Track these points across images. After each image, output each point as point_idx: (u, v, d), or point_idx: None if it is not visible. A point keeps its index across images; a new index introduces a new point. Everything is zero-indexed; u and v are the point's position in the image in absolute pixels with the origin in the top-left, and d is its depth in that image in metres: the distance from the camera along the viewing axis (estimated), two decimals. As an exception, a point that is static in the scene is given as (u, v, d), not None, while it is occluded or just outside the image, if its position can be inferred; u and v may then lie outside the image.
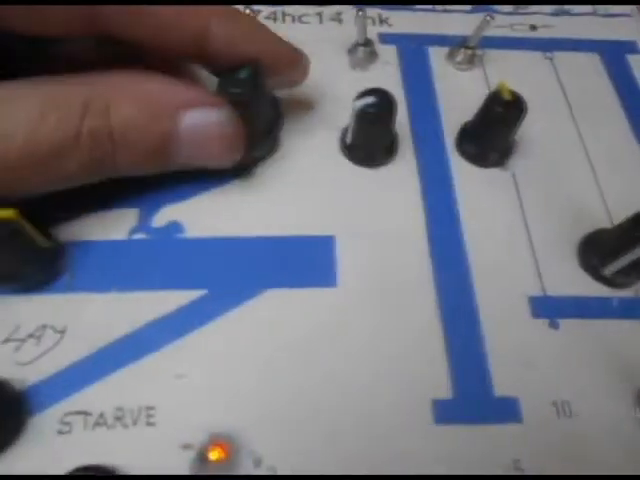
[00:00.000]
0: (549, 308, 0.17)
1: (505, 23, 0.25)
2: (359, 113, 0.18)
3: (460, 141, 0.21)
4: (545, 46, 0.24)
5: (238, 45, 0.17)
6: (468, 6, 0.25)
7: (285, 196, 0.19)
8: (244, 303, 0.17)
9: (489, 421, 0.16)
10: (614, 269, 0.17)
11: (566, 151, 0.21)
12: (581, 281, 0.18)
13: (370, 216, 0.19)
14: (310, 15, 0.24)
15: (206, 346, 0.16)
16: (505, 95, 0.18)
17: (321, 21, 0.24)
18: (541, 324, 0.17)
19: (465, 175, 0.20)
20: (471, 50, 0.23)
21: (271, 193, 0.19)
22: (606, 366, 0.17)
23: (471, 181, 0.20)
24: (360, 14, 0.21)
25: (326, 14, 0.24)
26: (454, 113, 0.21)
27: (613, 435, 0.16)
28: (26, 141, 0.14)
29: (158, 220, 0.18)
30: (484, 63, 0.23)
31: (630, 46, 0.24)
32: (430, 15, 0.25)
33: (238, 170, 0.19)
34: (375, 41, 0.23)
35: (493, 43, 0.24)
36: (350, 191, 0.19)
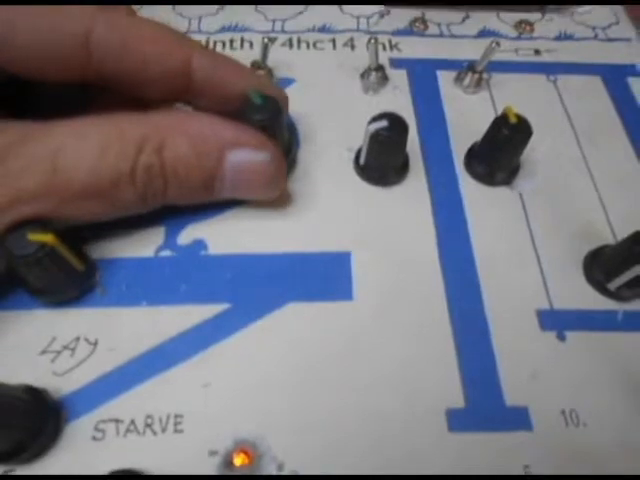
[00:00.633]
0: (556, 321, 0.18)
1: (510, 48, 0.26)
2: (372, 136, 0.19)
3: (469, 161, 0.22)
4: (549, 69, 0.25)
5: (219, 78, 0.18)
6: (474, 31, 0.27)
7: (303, 214, 0.20)
8: (266, 316, 0.18)
9: (501, 429, 0.16)
10: (618, 283, 0.18)
11: (570, 170, 0.22)
12: (587, 295, 0.19)
13: (384, 233, 0.20)
14: (324, 42, 0.25)
15: (230, 357, 0.17)
16: (511, 118, 0.19)
17: (335, 47, 0.25)
18: (549, 336, 0.18)
19: (474, 194, 0.21)
20: (478, 74, 0.24)
21: (289, 211, 0.20)
22: (612, 377, 0.17)
23: (480, 199, 0.21)
24: (372, 42, 0.22)
25: (339, 40, 0.26)
26: (462, 134, 0.22)
27: (619, 443, 0.16)
28: (88, 174, 0.15)
29: (183, 238, 0.19)
30: (490, 86, 0.24)
31: (630, 69, 0.25)
32: (438, 40, 0.26)
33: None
34: (386, 66, 0.24)
35: (499, 67, 0.25)
36: (365, 209, 0.20)
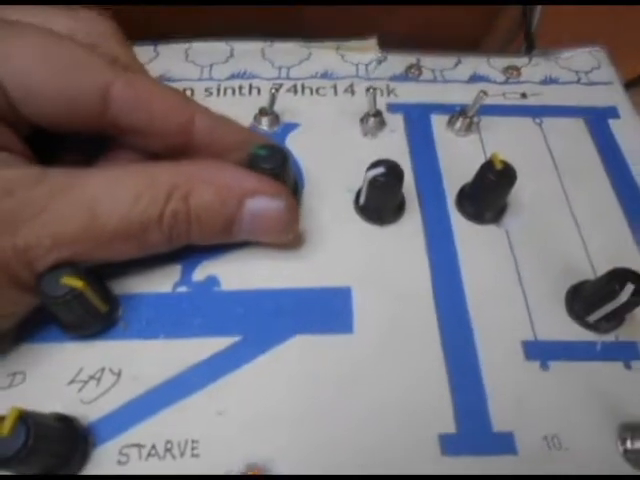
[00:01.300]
0: (540, 351, 0.20)
1: (498, 92, 0.28)
2: (370, 182, 0.21)
3: (460, 201, 0.23)
4: (535, 112, 0.27)
5: (218, 137, 0.20)
6: (466, 76, 0.29)
7: (307, 251, 0.22)
8: (274, 348, 0.20)
9: (489, 453, 0.18)
10: (597, 317, 0.20)
11: (554, 209, 0.24)
12: (568, 327, 0.21)
13: (382, 269, 0.22)
14: (326, 87, 0.27)
15: (242, 386, 0.19)
16: (497, 165, 0.21)
17: (336, 93, 0.27)
18: (533, 366, 0.20)
19: (465, 232, 0.23)
20: (469, 119, 0.26)
21: (295, 248, 0.22)
22: (592, 404, 0.19)
23: (470, 237, 0.23)
24: (371, 91, 0.24)
25: (340, 86, 0.28)
26: (454, 175, 0.24)
27: (599, 466, 0.18)
28: (121, 219, 0.17)
29: (198, 275, 0.21)
30: (480, 129, 0.26)
31: (611, 111, 0.27)
32: (432, 85, 0.28)
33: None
34: (384, 110, 0.26)
35: (488, 110, 0.27)
36: (364, 247, 0.22)
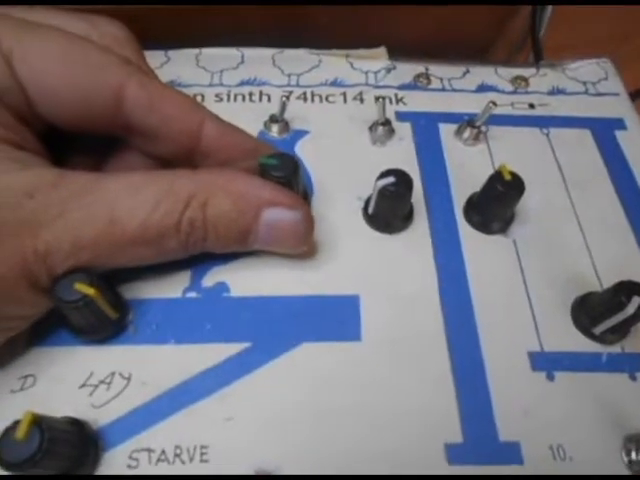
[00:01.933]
0: (546, 362, 0.20)
1: (507, 102, 0.28)
2: (380, 191, 0.21)
3: (467, 211, 0.24)
4: (542, 123, 0.27)
5: (226, 143, 0.20)
6: (474, 86, 0.29)
7: (316, 258, 0.22)
8: (283, 355, 0.20)
9: (495, 462, 0.18)
10: (603, 329, 0.20)
11: (561, 220, 0.24)
12: (574, 338, 0.21)
13: (389, 277, 0.22)
14: (336, 95, 0.28)
15: (251, 392, 0.19)
16: (506, 176, 0.21)
17: (345, 101, 0.27)
18: (539, 376, 0.20)
19: (472, 241, 0.23)
20: (477, 129, 0.26)
21: (303, 256, 0.22)
22: (596, 415, 0.19)
23: (477, 246, 0.23)
24: (380, 100, 0.25)
25: (349, 94, 0.28)
26: (462, 184, 0.25)
27: (602, 476, 0.18)
28: (139, 225, 0.17)
29: (207, 281, 0.21)
30: (488, 139, 0.26)
31: (618, 123, 0.27)
32: (440, 94, 0.28)
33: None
34: (392, 118, 0.27)
35: (496, 120, 0.27)
36: (372, 255, 0.22)
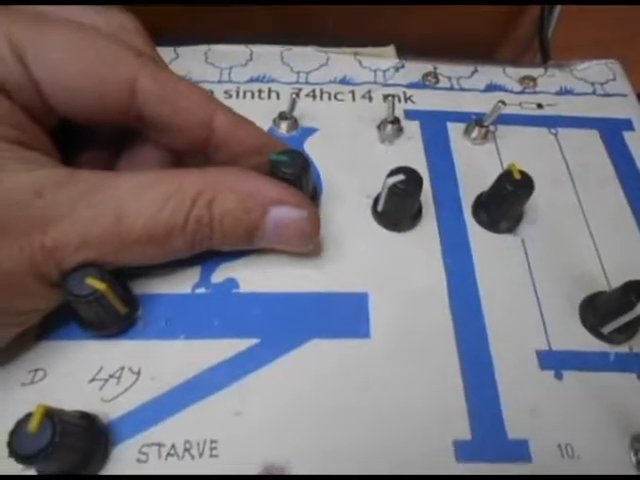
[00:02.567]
0: (554, 361, 0.20)
1: (515, 101, 0.28)
2: (390, 188, 0.21)
3: (475, 210, 0.24)
4: (550, 123, 0.27)
5: (238, 136, 0.20)
6: (482, 85, 0.29)
7: (325, 256, 0.22)
8: (292, 351, 0.20)
9: (503, 460, 0.18)
10: (611, 328, 0.20)
11: (569, 219, 0.24)
12: (582, 337, 0.21)
13: (398, 275, 0.22)
14: (344, 93, 0.28)
15: (260, 388, 0.19)
16: (515, 175, 0.21)
17: (354, 99, 0.27)
18: (547, 375, 0.20)
19: (480, 240, 0.23)
20: (485, 128, 0.26)
21: (311, 254, 0.22)
22: (604, 414, 0.19)
23: (486, 245, 0.23)
24: (390, 98, 0.25)
25: (358, 92, 0.28)
26: (470, 183, 0.25)
27: (610, 474, 0.18)
28: (146, 223, 0.17)
29: (217, 277, 0.21)
30: (496, 138, 0.26)
31: (626, 124, 0.27)
32: (449, 93, 0.28)
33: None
34: (401, 117, 0.27)
35: (504, 120, 0.27)
36: (381, 252, 0.22)
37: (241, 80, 0.28)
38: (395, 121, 0.26)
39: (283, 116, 0.26)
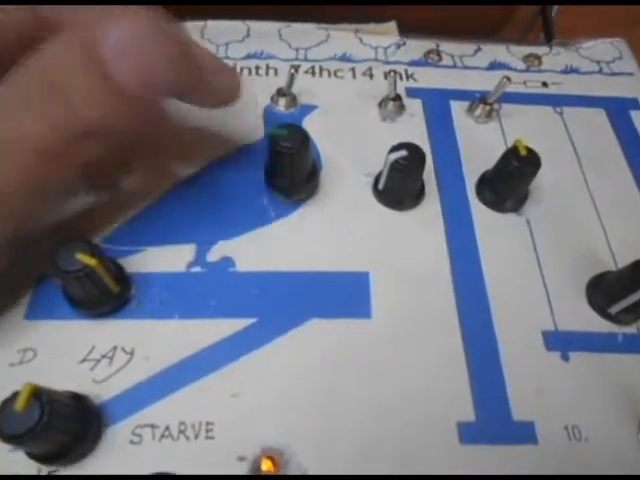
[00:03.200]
0: (560, 342, 0.20)
1: (519, 80, 0.27)
2: (392, 165, 0.21)
3: (480, 188, 0.23)
4: (555, 101, 0.27)
5: None
6: (485, 63, 0.28)
7: (324, 235, 0.22)
8: (290, 331, 0.19)
9: (508, 442, 0.18)
10: (618, 308, 0.19)
11: (575, 199, 0.23)
12: (589, 318, 0.20)
13: (400, 254, 0.21)
14: (344, 70, 0.27)
15: (257, 369, 0.18)
16: (522, 151, 0.21)
17: (354, 76, 0.27)
18: (553, 356, 0.19)
19: (484, 219, 0.22)
20: (489, 106, 0.25)
21: (312, 232, 0.22)
22: (612, 395, 0.19)
23: (490, 225, 0.22)
24: (392, 74, 0.24)
25: (358, 69, 0.27)
26: (474, 162, 0.24)
27: (617, 458, 0.18)
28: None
29: (213, 255, 0.21)
30: (500, 116, 0.26)
31: (633, 103, 0.27)
32: (451, 71, 0.28)
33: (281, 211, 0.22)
34: (402, 95, 0.26)
35: (508, 98, 0.26)
36: (382, 231, 0.22)
37: (238, 56, 0.27)
38: (397, 98, 0.25)
39: (281, 92, 0.25)
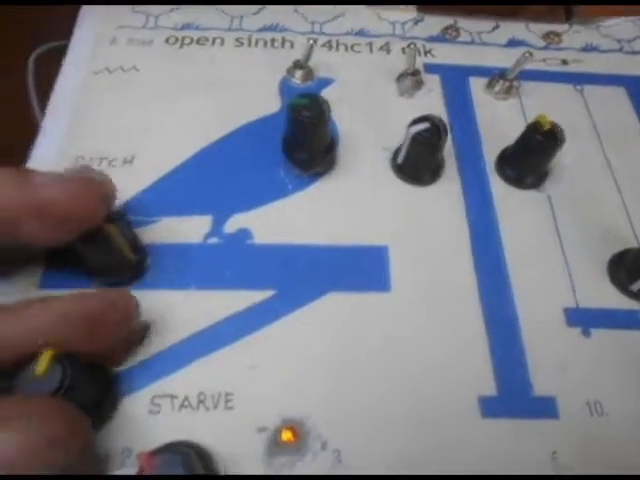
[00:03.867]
0: (582, 318, 0.19)
1: (538, 57, 0.27)
2: (414, 137, 0.20)
3: (500, 165, 0.23)
4: (575, 79, 0.26)
5: None
6: (504, 40, 0.28)
7: (342, 208, 0.21)
8: (309, 304, 0.19)
9: (530, 417, 0.17)
10: (640, 285, 0.19)
11: (596, 176, 0.23)
12: (611, 295, 0.20)
13: (419, 229, 0.21)
14: (362, 45, 0.26)
15: (275, 341, 0.18)
16: (545, 125, 0.20)
17: (371, 51, 0.26)
18: (575, 332, 0.19)
19: (504, 196, 0.22)
20: (509, 82, 0.25)
21: (329, 206, 0.21)
22: (633, 371, 0.18)
23: (510, 201, 0.22)
24: (412, 47, 0.23)
25: (376, 44, 0.26)
26: (493, 138, 0.23)
27: (639, 433, 0.18)
28: None
29: (229, 227, 0.20)
30: (520, 94, 0.25)
31: (653, 81, 0.26)
32: (469, 47, 0.27)
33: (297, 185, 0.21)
34: (420, 70, 0.25)
35: (528, 75, 0.26)
36: (401, 206, 0.21)
37: (253, 29, 0.26)
38: (415, 73, 0.24)
39: (298, 65, 0.24)
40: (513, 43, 0.28)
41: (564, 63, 0.27)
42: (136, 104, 0.23)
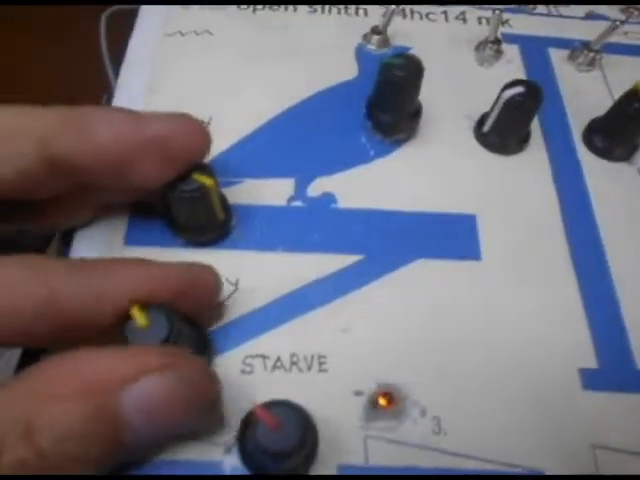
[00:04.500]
0: (684, 293, 0.19)
1: (619, 30, 0.26)
2: (507, 101, 0.19)
3: (588, 136, 0.22)
4: (659, 54, 0.25)
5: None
6: (581, 13, 0.27)
7: (426, 176, 0.21)
8: (398, 269, 0.18)
9: (633, 390, 0.17)
10: None
11: (688, 151, 0.22)
12: None
13: (507, 199, 0.20)
14: (437, 14, 0.26)
15: (366, 305, 0.18)
16: (643, 93, 0.19)
17: (447, 19, 0.26)
18: (676, 304, 0.18)
19: (594, 167, 0.21)
20: (593, 53, 0.24)
21: (413, 173, 0.21)
22: None
23: (600, 173, 0.21)
24: (496, 12, 0.23)
25: (451, 13, 0.26)
26: (579, 110, 0.23)
27: None
28: None
29: (313, 190, 0.20)
30: (602, 66, 0.24)
31: None
32: (547, 19, 0.26)
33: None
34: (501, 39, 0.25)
35: (610, 49, 0.25)
36: (487, 175, 0.21)
37: (325, -4, 0.26)
38: (496, 41, 0.24)
39: (376, 30, 0.24)
40: (591, 16, 0.27)
41: (646, 37, 0.26)
42: (212, 67, 0.23)
